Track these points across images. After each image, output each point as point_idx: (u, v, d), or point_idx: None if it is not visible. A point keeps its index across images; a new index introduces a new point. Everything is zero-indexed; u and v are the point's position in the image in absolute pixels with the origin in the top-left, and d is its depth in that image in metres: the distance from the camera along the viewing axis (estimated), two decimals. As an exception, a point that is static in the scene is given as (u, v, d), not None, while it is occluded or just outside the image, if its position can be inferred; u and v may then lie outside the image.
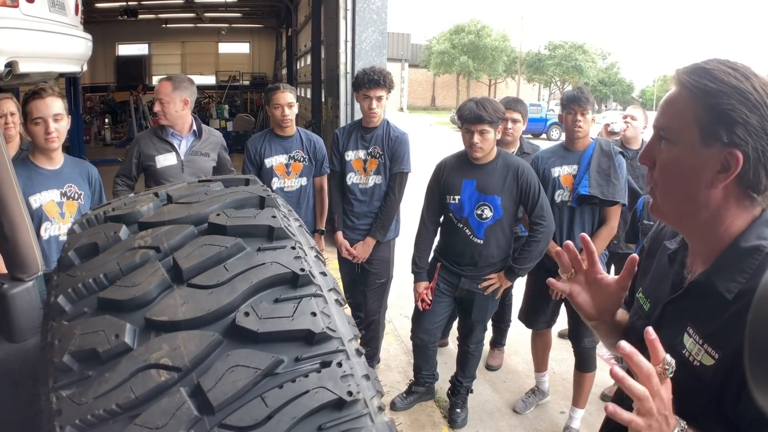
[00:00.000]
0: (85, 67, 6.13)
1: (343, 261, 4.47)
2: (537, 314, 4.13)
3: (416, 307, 4.04)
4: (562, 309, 4.11)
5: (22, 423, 1.35)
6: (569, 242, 1.55)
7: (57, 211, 3.27)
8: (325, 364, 1.00)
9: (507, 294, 5.03)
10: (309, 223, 4.54)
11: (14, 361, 1.48)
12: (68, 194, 3.32)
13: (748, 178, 1.17)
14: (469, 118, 3.60)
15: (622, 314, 1.60)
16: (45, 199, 3.21)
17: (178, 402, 0.93)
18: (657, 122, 1.27)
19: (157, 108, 3.93)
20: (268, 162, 4.32)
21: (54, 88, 3.30)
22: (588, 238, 1.50)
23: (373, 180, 4.25)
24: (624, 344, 1.12)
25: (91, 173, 3.50)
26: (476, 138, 3.60)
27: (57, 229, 3.27)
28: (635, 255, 1.46)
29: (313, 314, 1.04)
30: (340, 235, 4.34)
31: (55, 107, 3.19)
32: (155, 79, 27.35)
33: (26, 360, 1.45)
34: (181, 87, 3.93)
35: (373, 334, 4.51)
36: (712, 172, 1.18)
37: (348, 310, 4.58)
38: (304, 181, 4.42)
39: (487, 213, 3.70)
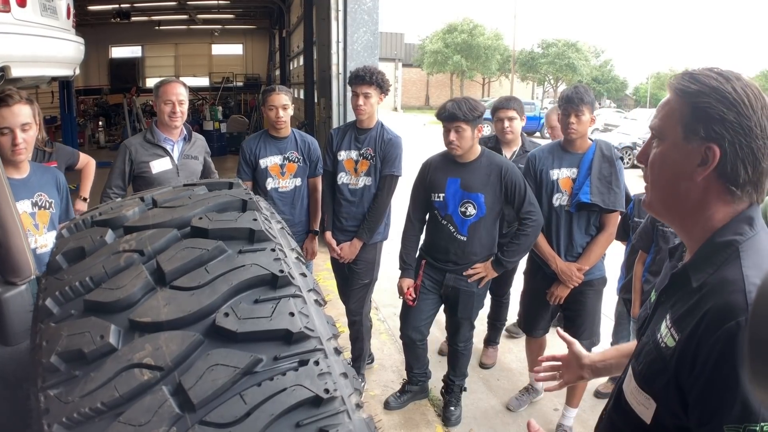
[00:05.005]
0: (77, 71, 6.12)
1: (334, 261, 4.50)
2: (537, 320, 4.09)
3: (403, 305, 4.07)
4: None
5: (18, 425, 1.37)
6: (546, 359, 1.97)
7: (31, 222, 3.00)
8: (303, 363, 1.03)
9: (504, 293, 5.06)
10: (303, 223, 4.59)
11: (8, 364, 1.51)
12: (39, 204, 3.06)
13: (727, 172, 1.25)
14: (445, 117, 3.66)
15: (607, 352, 1.87)
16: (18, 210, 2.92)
17: (161, 400, 0.96)
18: (651, 123, 1.38)
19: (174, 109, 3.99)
20: (263, 162, 4.36)
21: (22, 93, 2.98)
22: (569, 338, 1.90)
23: (363, 181, 4.26)
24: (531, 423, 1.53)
25: (59, 179, 3.27)
26: (452, 136, 3.64)
27: (34, 242, 2.97)
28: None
29: (292, 314, 1.07)
30: (328, 234, 4.37)
31: (23, 115, 2.90)
32: (149, 82, 27.31)
33: (20, 363, 1.47)
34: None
35: (356, 335, 4.52)
36: (693, 166, 1.27)
37: (341, 310, 4.64)
38: (298, 181, 4.46)
39: (471, 210, 3.73)
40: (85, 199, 4.51)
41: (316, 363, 1.03)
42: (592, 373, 1.85)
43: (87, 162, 4.67)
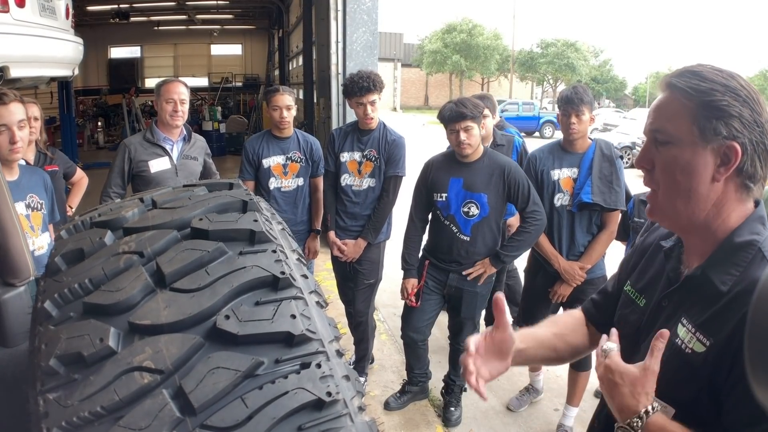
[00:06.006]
0: (76, 71, 6.14)
1: (335, 260, 4.49)
2: (537, 318, 4.07)
3: (405, 305, 4.07)
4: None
5: (16, 426, 1.36)
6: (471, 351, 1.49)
7: (27, 224, 3.00)
8: (305, 366, 1.02)
9: (500, 291, 5.05)
10: (305, 222, 4.63)
11: (7, 366, 1.50)
12: (32, 205, 3.09)
13: (747, 170, 1.24)
14: (452, 118, 3.64)
15: (525, 338, 1.64)
16: None
17: (161, 403, 0.95)
18: (651, 126, 1.32)
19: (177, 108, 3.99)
20: (266, 162, 4.39)
21: (15, 92, 3.02)
22: (501, 300, 1.48)
23: (368, 182, 4.26)
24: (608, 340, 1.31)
25: (46, 181, 3.29)
26: (462, 136, 3.63)
27: (32, 243, 2.98)
28: (499, 294, 1.47)
29: (293, 316, 1.06)
30: (332, 234, 4.36)
31: (18, 114, 2.93)
32: (148, 82, 27.31)
33: (19, 364, 1.47)
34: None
35: (361, 335, 4.52)
36: (713, 167, 1.24)
37: (340, 310, 4.63)
38: (300, 181, 4.49)
39: (474, 210, 3.73)
40: (70, 207, 4.62)
41: (318, 366, 1.02)
42: (515, 362, 1.57)
43: (82, 177, 4.87)
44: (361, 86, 4.06)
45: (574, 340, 1.69)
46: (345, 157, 4.28)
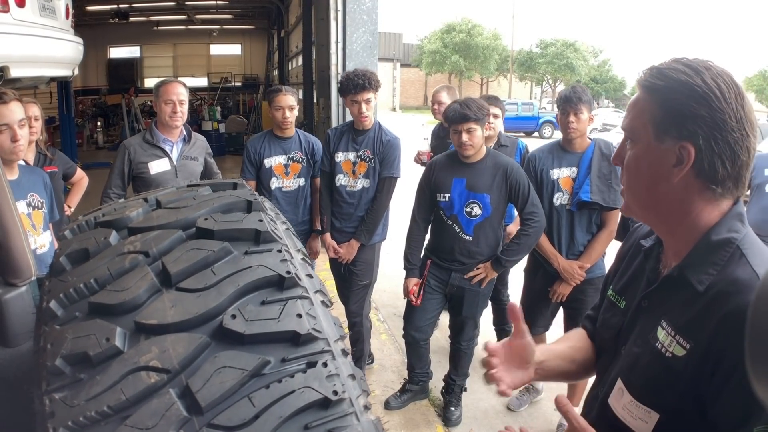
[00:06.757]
0: (76, 71, 6.13)
1: (333, 261, 4.51)
2: (536, 318, 4.09)
3: (407, 305, 4.07)
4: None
5: (19, 427, 1.36)
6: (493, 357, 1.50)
7: (29, 223, 3.03)
8: (311, 365, 1.02)
9: (503, 294, 5.05)
10: (306, 222, 4.63)
11: (9, 366, 1.50)
12: (33, 204, 3.11)
13: (704, 170, 1.19)
14: (455, 119, 3.65)
15: (543, 351, 1.58)
16: None
17: (168, 403, 0.95)
18: (622, 124, 1.32)
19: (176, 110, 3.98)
20: (267, 162, 4.39)
21: (14, 92, 3.03)
22: (516, 308, 1.48)
23: (362, 183, 4.26)
24: (560, 399, 1.23)
25: (45, 180, 3.31)
26: (465, 137, 3.65)
27: (33, 242, 3.01)
28: (513, 303, 1.48)
29: (299, 316, 1.06)
30: (327, 236, 4.37)
31: (19, 113, 2.95)
32: (147, 82, 27.32)
33: (21, 365, 1.46)
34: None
35: (357, 336, 4.52)
36: (668, 167, 1.21)
37: (343, 310, 4.63)
38: (302, 181, 4.50)
39: (477, 210, 3.74)
40: (69, 207, 4.62)
41: (324, 365, 1.02)
42: (537, 375, 1.55)
43: (82, 177, 4.90)
44: (356, 84, 4.06)
45: (586, 354, 1.64)
46: (340, 157, 4.28)
